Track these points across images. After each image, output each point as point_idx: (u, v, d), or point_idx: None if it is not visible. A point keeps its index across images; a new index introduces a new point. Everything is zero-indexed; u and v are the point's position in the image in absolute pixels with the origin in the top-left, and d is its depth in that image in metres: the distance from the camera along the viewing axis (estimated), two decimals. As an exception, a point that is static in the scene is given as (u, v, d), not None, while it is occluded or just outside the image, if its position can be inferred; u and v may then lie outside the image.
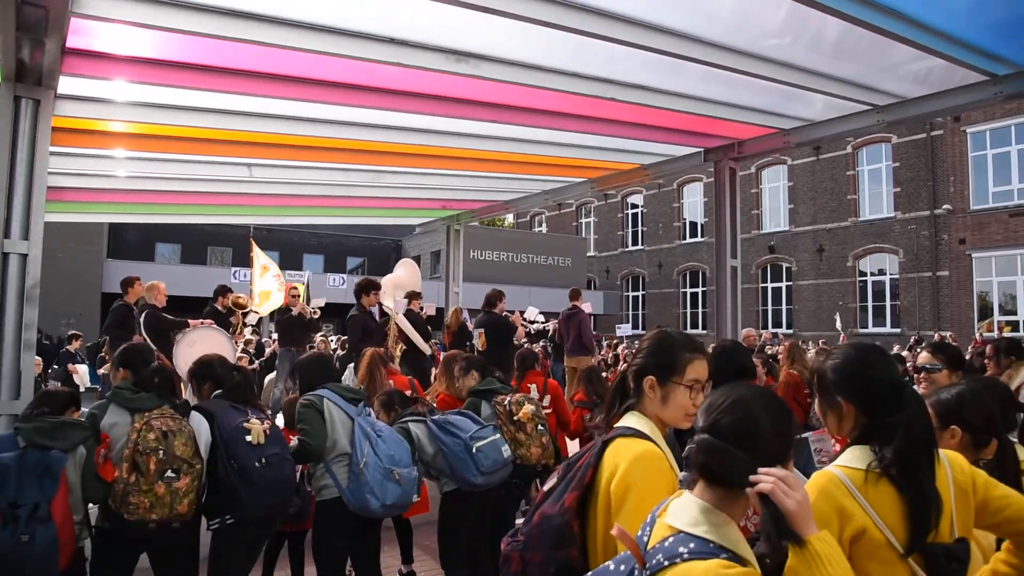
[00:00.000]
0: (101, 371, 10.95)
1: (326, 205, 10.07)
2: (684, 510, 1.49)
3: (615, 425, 2.01)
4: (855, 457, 1.82)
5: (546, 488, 2.04)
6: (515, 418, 4.26)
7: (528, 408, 4.30)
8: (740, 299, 6.78)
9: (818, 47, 4.83)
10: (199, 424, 3.34)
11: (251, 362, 12.27)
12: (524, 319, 8.86)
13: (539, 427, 4.35)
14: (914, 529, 1.70)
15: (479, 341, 8.85)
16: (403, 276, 9.22)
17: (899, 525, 1.72)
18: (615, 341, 20.49)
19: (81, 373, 11.14)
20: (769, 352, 9.81)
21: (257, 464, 3.30)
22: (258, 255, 10.21)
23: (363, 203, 10.08)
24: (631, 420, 1.98)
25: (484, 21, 3.82)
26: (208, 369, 3.69)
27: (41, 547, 2.79)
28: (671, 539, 1.43)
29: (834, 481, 1.77)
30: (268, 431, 3.47)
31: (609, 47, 4.38)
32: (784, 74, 5.04)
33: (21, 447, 2.99)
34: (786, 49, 4.85)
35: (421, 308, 9.04)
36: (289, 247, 31.94)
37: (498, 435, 4.05)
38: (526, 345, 12.35)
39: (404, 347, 8.29)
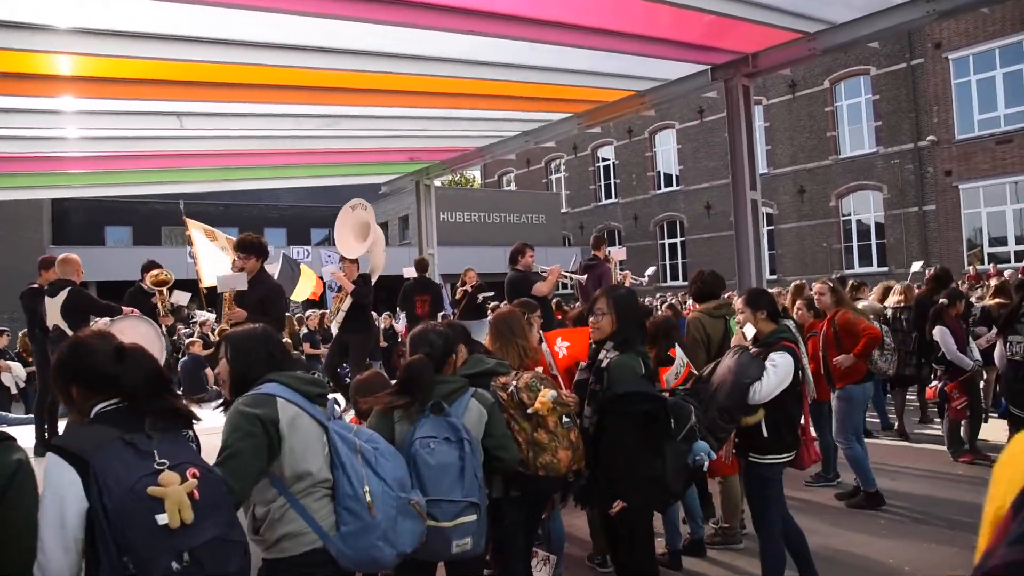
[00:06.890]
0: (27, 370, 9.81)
1: (278, 164, 8.95)
2: None
3: None
4: None
5: None
6: (529, 411, 3.02)
7: (548, 395, 3.02)
8: (763, 236, 5.85)
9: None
10: (57, 482, 1.75)
11: (206, 347, 11.17)
12: (565, 273, 8.03)
13: (564, 419, 3.09)
14: None
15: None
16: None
17: None
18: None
19: (16, 370, 9.92)
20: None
21: (175, 566, 1.73)
22: (195, 226, 8.84)
23: (320, 159, 8.98)
24: None
25: None
26: (79, 362, 1.96)
27: None
28: None
29: None
30: (199, 490, 1.84)
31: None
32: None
33: None
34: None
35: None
36: (248, 222, 30.31)
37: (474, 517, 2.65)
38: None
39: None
